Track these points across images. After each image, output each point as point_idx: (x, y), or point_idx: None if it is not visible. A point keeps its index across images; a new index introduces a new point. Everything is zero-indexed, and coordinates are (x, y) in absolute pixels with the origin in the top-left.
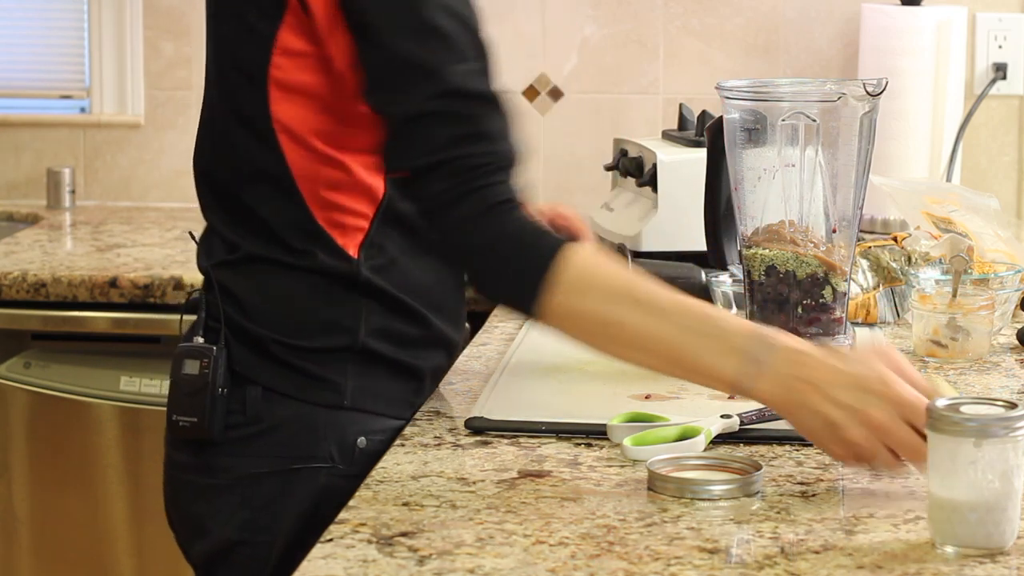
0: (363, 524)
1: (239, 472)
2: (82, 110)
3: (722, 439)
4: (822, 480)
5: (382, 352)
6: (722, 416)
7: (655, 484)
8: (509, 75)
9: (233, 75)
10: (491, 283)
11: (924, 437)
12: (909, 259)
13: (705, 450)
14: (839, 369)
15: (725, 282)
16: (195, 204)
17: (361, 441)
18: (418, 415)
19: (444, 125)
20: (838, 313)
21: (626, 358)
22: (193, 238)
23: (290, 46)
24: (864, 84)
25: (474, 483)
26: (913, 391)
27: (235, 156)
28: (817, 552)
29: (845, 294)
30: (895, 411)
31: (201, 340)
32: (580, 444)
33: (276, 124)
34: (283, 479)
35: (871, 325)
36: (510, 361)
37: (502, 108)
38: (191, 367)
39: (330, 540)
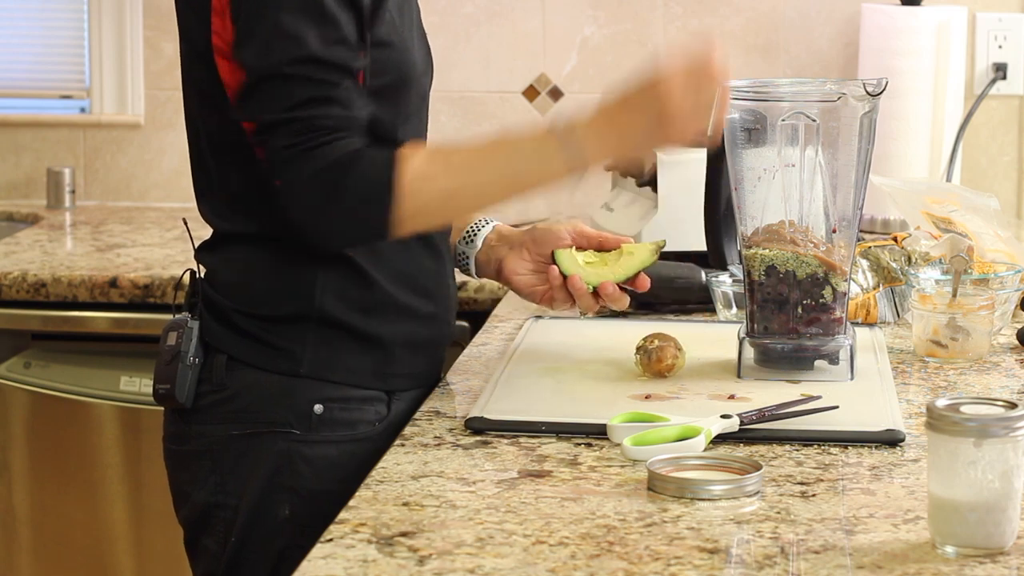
0: (363, 524)
1: (209, 438)
2: (82, 110)
3: (722, 439)
4: (822, 480)
5: (342, 321)
6: (722, 416)
7: (655, 484)
8: (509, 75)
9: (193, 59)
10: (337, 232)
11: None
12: (909, 259)
13: (705, 450)
14: (635, 119)
15: (725, 282)
16: (195, 204)
17: (318, 408)
18: (418, 415)
19: (298, 87)
20: (838, 313)
21: (483, 209)
22: (186, 224)
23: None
24: (864, 84)
25: (474, 483)
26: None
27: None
28: (817, 552)
29: (845, 294)
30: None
31: (187, 315)
32: (580, 444)
33: None
34: (246, 444)
35: (871, 325)
36: (510, 361)
37: (357, 81)
38: (171, 339)
39: (330, 540)
